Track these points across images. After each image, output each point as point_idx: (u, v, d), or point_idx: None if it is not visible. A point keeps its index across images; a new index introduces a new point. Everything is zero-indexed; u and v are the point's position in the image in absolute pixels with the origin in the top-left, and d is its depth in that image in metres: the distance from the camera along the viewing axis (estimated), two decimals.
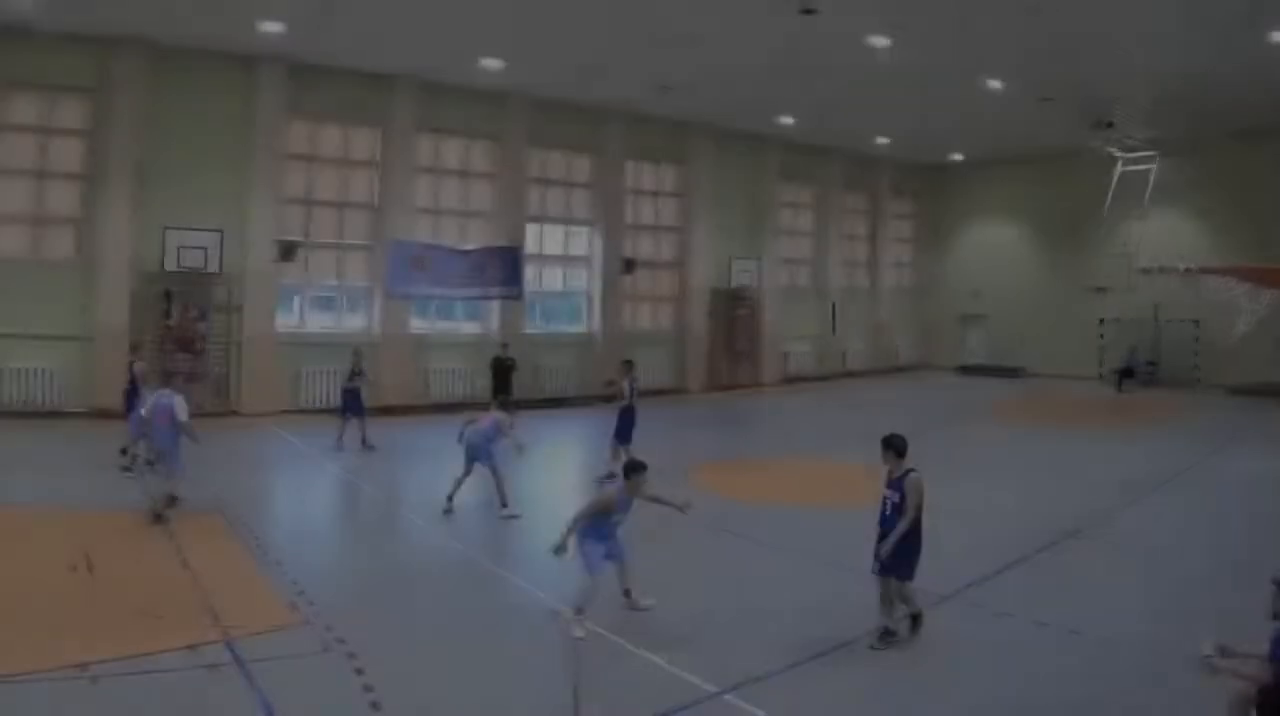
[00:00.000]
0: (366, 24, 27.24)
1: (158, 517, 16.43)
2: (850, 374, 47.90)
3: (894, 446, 11.75)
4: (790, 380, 45.03)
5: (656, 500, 12.59)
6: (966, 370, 50.67)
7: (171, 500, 16.97)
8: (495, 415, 19.06)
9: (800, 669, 10.62)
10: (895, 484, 11.59)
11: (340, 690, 9.85)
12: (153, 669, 10.04)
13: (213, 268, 29.54)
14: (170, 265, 28.96)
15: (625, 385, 22.98)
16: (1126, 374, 43.11)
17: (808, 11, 24.36)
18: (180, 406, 17.62)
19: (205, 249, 29.36)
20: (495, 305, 35.34)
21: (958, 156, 50.38)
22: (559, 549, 11.57)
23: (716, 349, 42.22)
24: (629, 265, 39.23)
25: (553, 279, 39.00)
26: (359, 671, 10.25)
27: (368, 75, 32.44)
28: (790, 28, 26.14)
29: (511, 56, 30.65)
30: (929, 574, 12.68)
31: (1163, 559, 15.81)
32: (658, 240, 41.59)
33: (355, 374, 25.86)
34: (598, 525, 11.92)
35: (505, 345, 31.42)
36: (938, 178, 53.70)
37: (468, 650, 11.20)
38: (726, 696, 9.85)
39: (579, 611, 11.50)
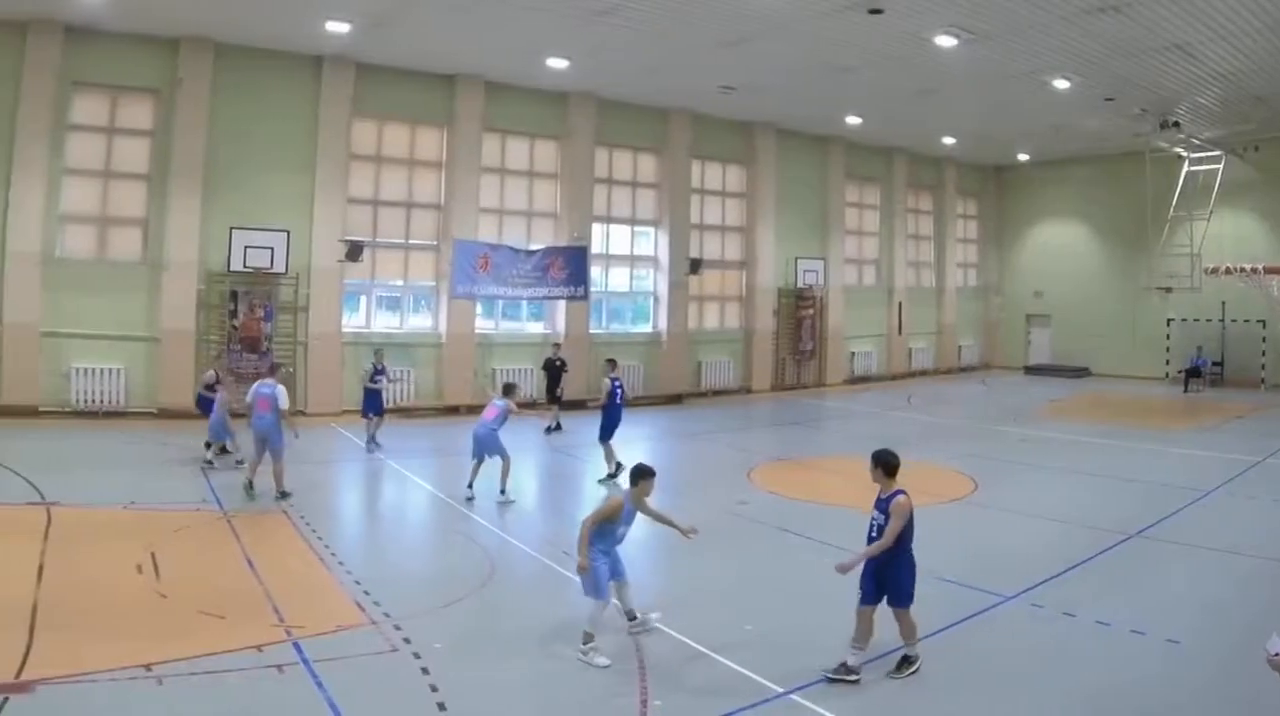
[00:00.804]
0: (432, 24, 26.52)
1: (284, 496, 17.75)
2: (915, 374, 46.62)
3: (882, 463, 10.67)
4: (855, 380, 43.75)
5: (661, 519, 11.97)
6: (1031, 370, 49.13)
7: (283, 492, 17.90)
8: (499, 403, 19.24)
9: (865, 668, 10.20)
10: (882, 505, 10.48)
11: (407, 690, 9.61)
12: (219, 669, 9.80)
13: (279, 268, 28.63)
14: (236, 265, 28.07)
15: (607, 382, 22.45)
16: (1193, 374, 41.59)
17: (875, 11, 23.60)
18: (282, 395, 18.39)
19: (271, 249, 28.44)
20: (560, 305, 34.19)
21: (1023, 156, 48.68)
22: (584, 567, 10.85)
23: (782, 349, 41.02)
24: (695, 265, 37.92)
25: (619, 279, 37.88)
26: (425, 671, 10.04)
27: (433, 75, 31.61)
28: (857, 27, 25.30)
29: (577, 56, 29.63)
30: (992, 573, 13.42)
31: (1227, 559, 15.30)
32: (723, 240, 40.31)
33: (377, 373, 25.30)
34: (604, 539, 11.14)
35: (557, 346, 30.26)
36: (1003, 178, 52.26)
37: (534, 650, 10.90)
38: (793, 696, 9.63)
39: (589, 640, 10.65)
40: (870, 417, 33.29)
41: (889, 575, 10.21)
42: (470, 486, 18.84)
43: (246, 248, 28.14)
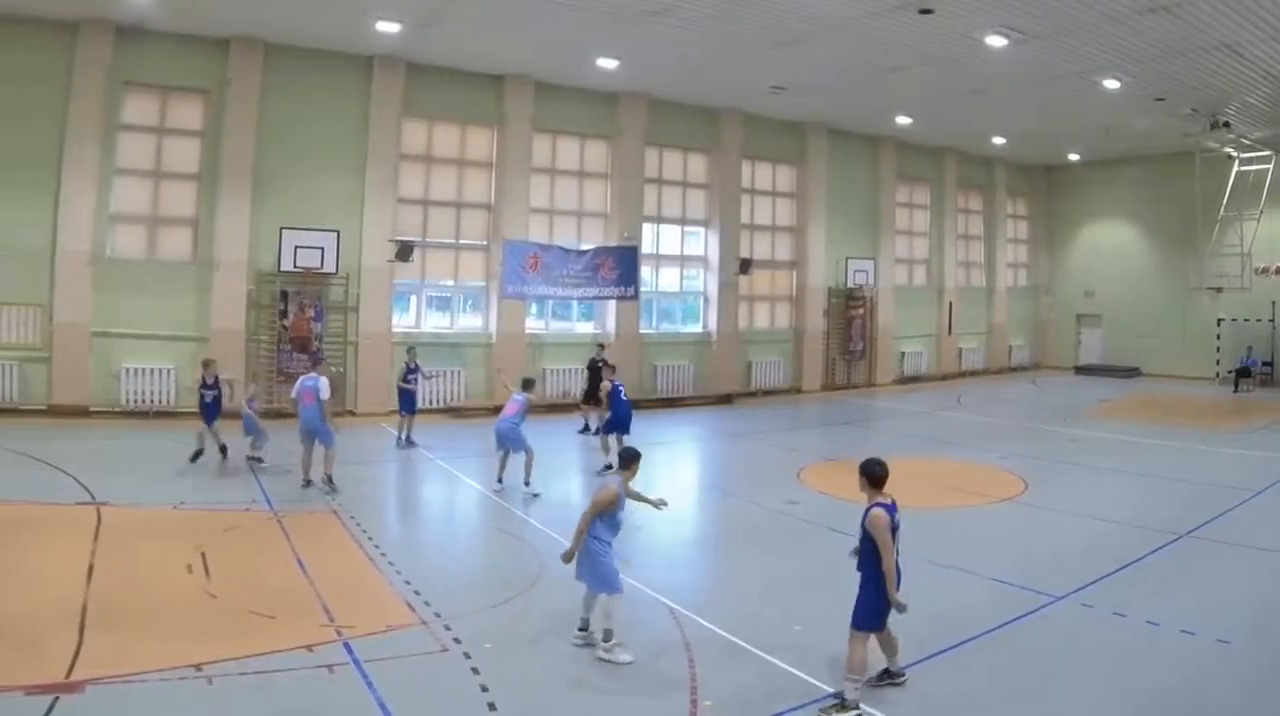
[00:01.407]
0: (482, 25, 25.80)
1: (329, 480, 18.13)
2: (965, 374, 45.27)
3: (864, 473, 9.69)
4: (905, 380, 42.54)
5: (639, 497, 11.88)
6: (1082, 370, 47.75)
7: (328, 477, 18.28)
8: (519, 397, 19.36)
9: (916, 669, 10.00)
10: (894, 506, 9.61)
11: (457, 690, 9.41)
12: (269, 669, 9.62)
13: (329, 268, 27.81)
14: (286, 265, 27.30)
15: (608, 384, 22.23)
16: (1243, 374, 40.37)
17: (925, 11, 22.97)
18: (324, 386, 18.66)
19: (321, 249, 27.62)
20: (611, 305, 33.28)
21: (1073, 156, 47.26)
22: (571, 556, 10.72)
23: (832, 349, 39.89)
24: (745, 265, 36.75)
25: (669, 279, 36.72)
26: (475, 671, 9.85)
27: (483, 75, 30.72)
28: (907, 27, 24.61)
29: (627, 56, 28.77)
30: (1042, 573, 13.35)
31: (1278, 558, 14.96)
32: (773, 240, 39.14)
33: (410, 372, 24.84)
34: (611, 529, 10.81)
35: (601, 346, 29.19)
36: (1053, 178, 50.75)
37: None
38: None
39: (610, 636, 10.37)
40: (920, 418, 32.37)
41: (860, 594, 9.46)
42: (500, 479, 18.95)
43: (297, 248, 27.37)
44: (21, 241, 24.77)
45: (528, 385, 20.08)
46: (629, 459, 11.39)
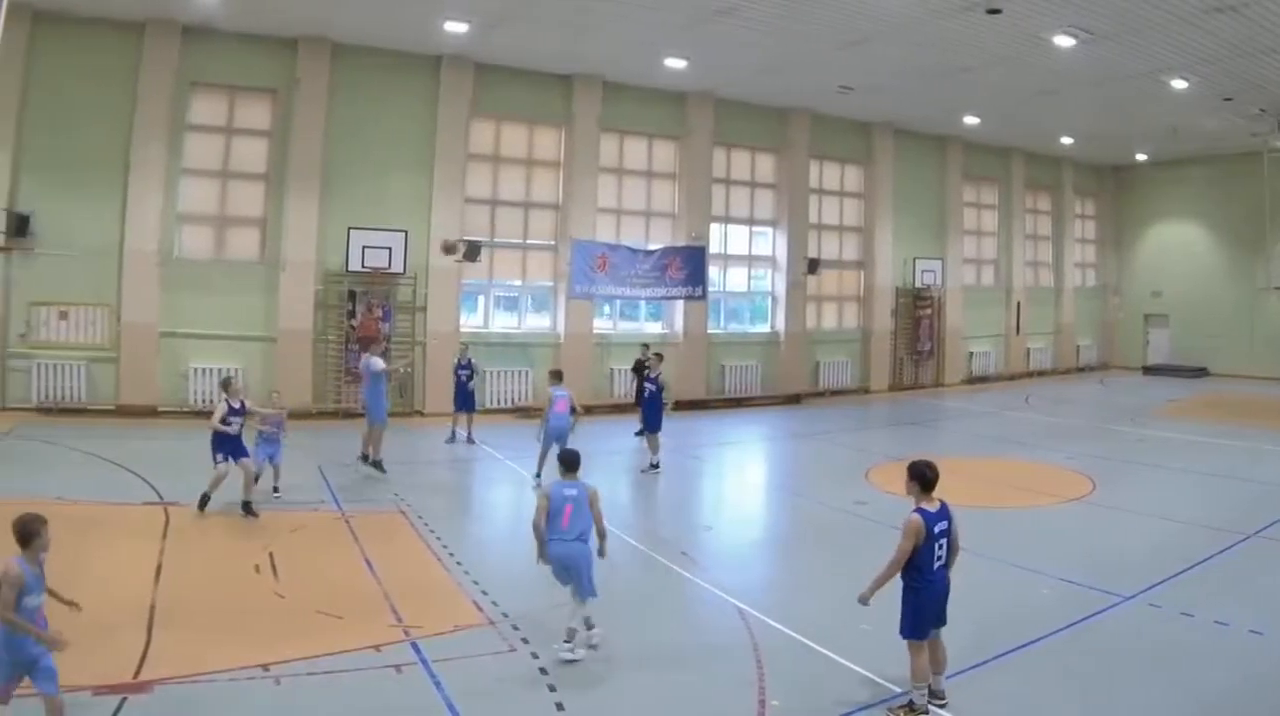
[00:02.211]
0: (550, 24, 24.75)
1: (376, 464, 18.10)
2: (1033, 374, 43.24)
3: (913, 476, 9.00)
4: (973, 380, 40.63)
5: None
6: (1150, 370, 45.44)
7: (375, 462, 18.26)
8: (562, 393, 18.73)
9: (984, 669, 9.73)
10: (943, 512, 8.88)
11: (525, 691, 9.15)
12: (336, 669, 9.33)
13: (396, 268, 26.56)
14: (354, 265, 26.11)
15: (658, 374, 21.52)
16: None
17: (993, 11, 21.98)
18: (376, 363, 18.77)
19: (389, 249, 26.37)
20: (679, 305, 31.76)
21: (1141, 157, 44.85)
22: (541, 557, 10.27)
23: (900, 349, 38.16)
24: (813, 265, 35.05)
25: (737, 279, 35.08)
26: (543, 671, 9.55)
27: (551, 75, 29.41)
28: (975, 28, 23.61)
29: (695, 56, 27.47)
30: (1110, 573, 12.89)
31: None
32: (841, 240, 37.40)
33: (460, 368, 23.83)
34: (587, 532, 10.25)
35: (647, 346, 27.26)
36: (1121, 178, 48.29)
37: (652, 650, 10.35)
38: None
39: (573, 635, 9.88)
40: (988, 418, 30.94)
41: (902, 600, 8.81)
42: (538, 474, 18.47)
43: (364, 248, 26.18)
44: (90, 241, 23.72)
45: (558, 377, 19.45)
46: (569, 464, 10.73)
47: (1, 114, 22.71)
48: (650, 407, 21.02)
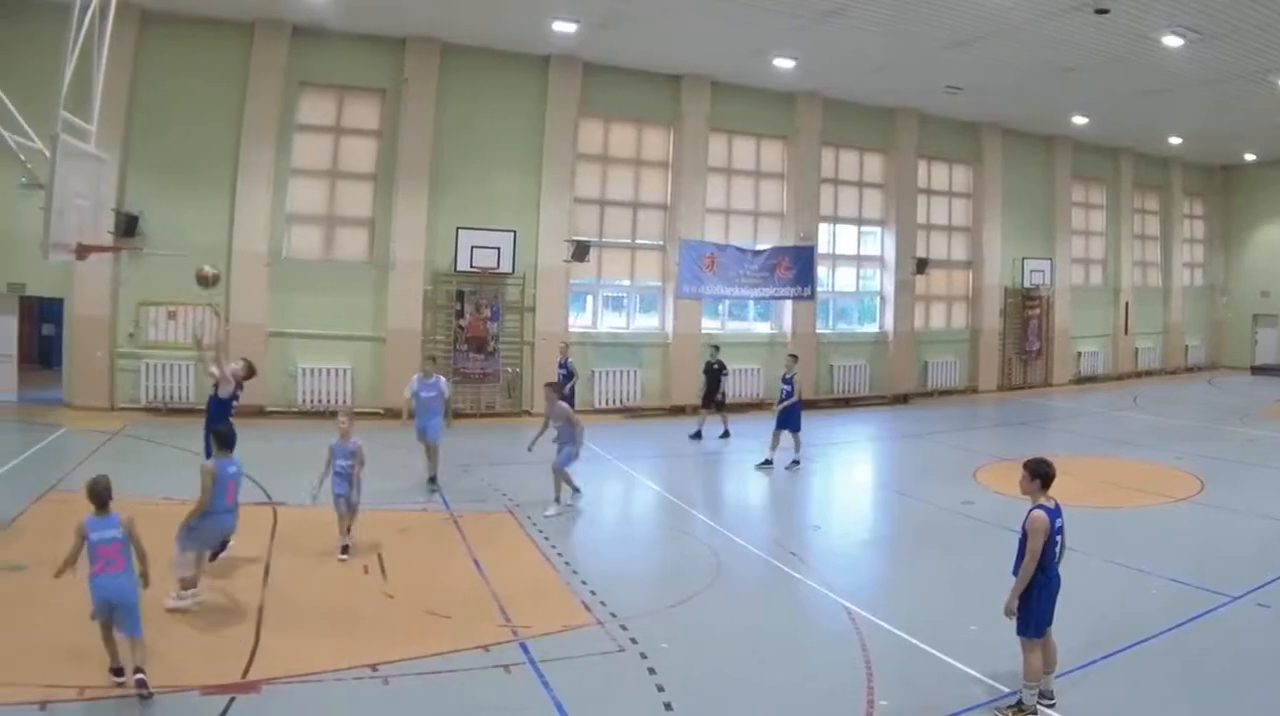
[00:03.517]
0: (659, 24, 22.78)
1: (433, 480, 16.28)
2: (1141, 374, 39.59)
3: (1027, 471, 8.28)
4: (1081, 380, 37.20)
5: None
6: (1258, 370, 41.47)
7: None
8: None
9: (1092, 669, 8.99)
10: (1058, 510, 8.19)
11: (634, 691, 8.51)
12: (445, 669, 8.77)
13: (505, 268, 24.28)
14: (463, 265, 23.89)
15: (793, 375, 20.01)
16: None
17: (1101, 11, 20.31)
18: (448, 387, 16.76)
19: (498, 249, 24.10)
20: (787, 305, 29.11)
21: (1250, 156, 40.84)
22: None
23: (1008, 349, 34.92)
24: (921, 265, 32.26)
25: (845, 279, 32.33)
26: (651, 671, 8.91)
27: (659, 75, 26.91)
28: (1083, 28, 21.78)
29: (803, 56, 25.07)
30: (1218, 573, 12.08)
31: None
32: (949, 240, 34.40)
33: (559, 367, 22.72)
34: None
35: (716, 348, 24.87)
36: (1229, 178, 44.05)
37: (760, 650, 9.62)
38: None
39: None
40: (1096, 418, 28.52)
41: (1022, 599, 8.03)
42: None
43: (473, 248, 23.92)
44: (198, 241, 21.56)
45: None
46: None
47: (110, 114, 20.58)
48: (790, 408, 19.62)
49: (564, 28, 22.98)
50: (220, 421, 11.83)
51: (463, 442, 18.84)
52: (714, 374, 23.52)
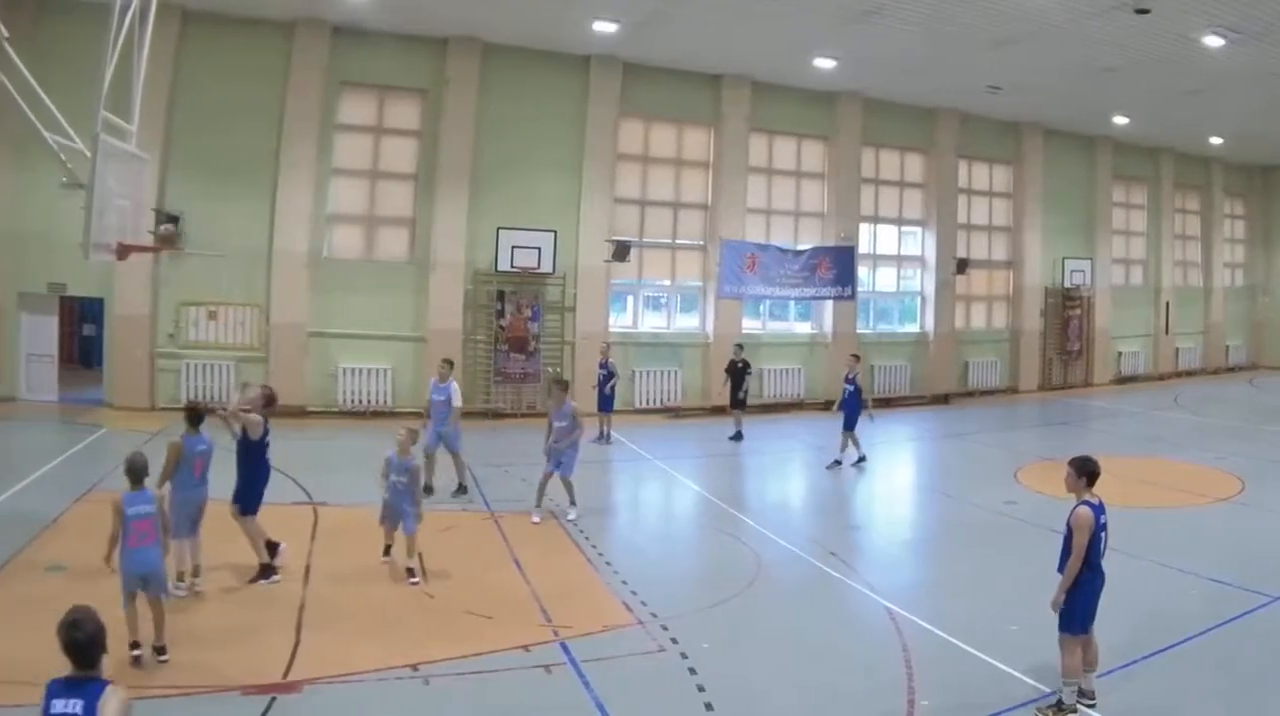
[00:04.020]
0: (699, 24, 22.34)
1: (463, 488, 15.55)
2: (1182, 374, 38.56)
3: (1073, 467, 8.17)
4: (1122, 380, 36.15)
5: None
6: None
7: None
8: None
9: (1134, 668, 8.80)
10: (1101, 506, 8.06)
11: (674, 691, 8.35)
12: (485, 669, 8.64)
13: (546, 268, 23.72)
14: (503, 265, 23.34)
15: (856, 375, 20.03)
16: None
17: (1142, 11, 19.95)
18: (455, 392, 15.60)
19: (538, 249, 23.56)
20: (828, 305, 28.36)
21: None
22: None
23: (1049, 349, 34.04)
24: (962, 265, 31.35)
25: (885, 279, 31.52)
26: (692, 671, 8.73)
27: (700, 75, 26.26)
28: (1124, 28, 21.31)
29: (844, 56, 24.48)
30: (1259, 573, 11.80)
31: None
32: (990, 240, 33.47)
33: (600, 367, 21.90)
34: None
35: (739, 347, 23.92)
36: (1270, 178, 42.77)
37: (801, 650, 9.50)
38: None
39: None
40: (1137, 418, 27.88)
41: (1068, 595, 7.88)
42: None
43: (513, 248, 23.41)
44: (239, 241, 21.29)
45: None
46: None
47: (151, 114, 20.21)
48: (850, 407, 19.56)
49: (605, 28, 22.53)
50: (258, 462, 11.27)
51: (503, 443, 18.60)
52: (739, 373, 22.83)
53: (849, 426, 19.28)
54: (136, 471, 8.44)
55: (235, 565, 11.13)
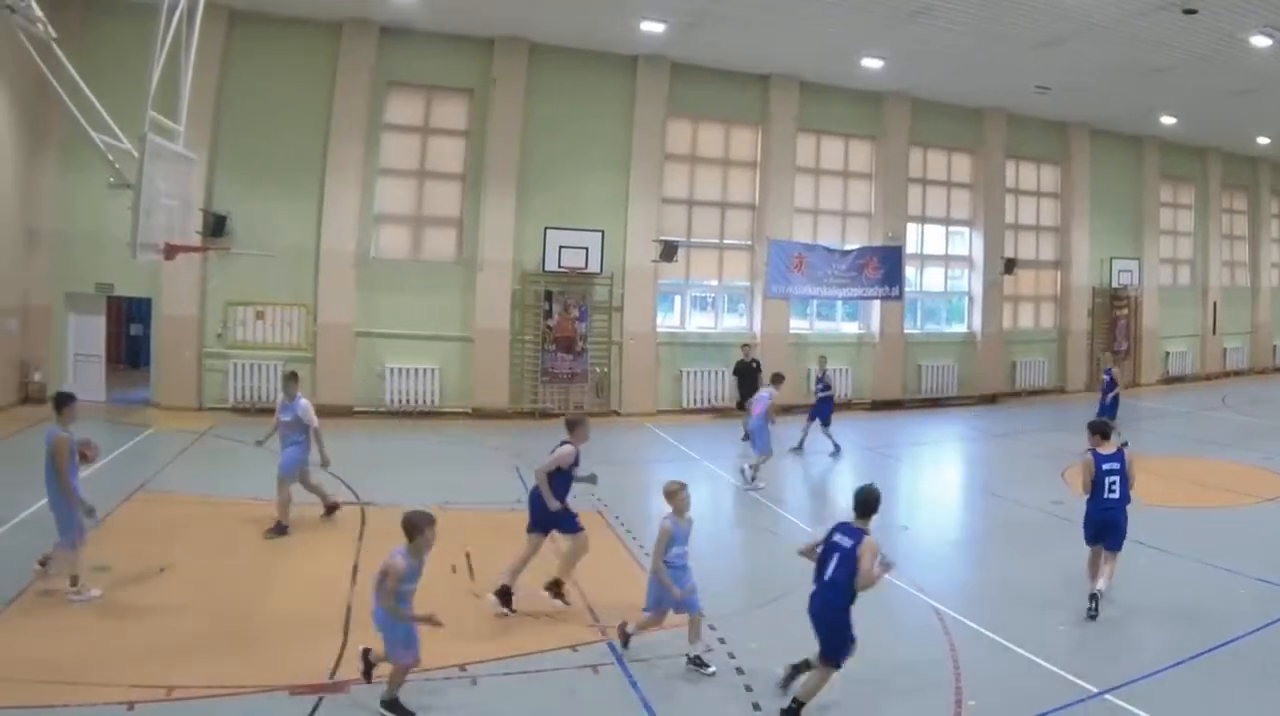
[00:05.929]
0: (747, 24, 21.73)
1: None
2: (1229, 374, 37.27)
3: (1091, 429, 10.85)
4: (1169, 380, 34.87)
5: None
6: None
7: None
8: (764, 394, 17.22)
9: (1179, 668, 8.64)
10: (1116, 456, 10.39)
11: (722, 690, 8.19)
12: (533, 669, 8.50)
13: (593, 268, 22.93)
14: (551, 265, 22.58)
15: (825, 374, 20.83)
16: None
17: (1189, 11, 19.55)
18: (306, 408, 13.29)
19: (586, 249, 22.78)
20: (875, 305, 27.41)
21: None
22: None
23: (1096, 349, 32.57)
24: (1009, 265, 30.19)
25: (933, 279, 30.50)
26: (739, 671, 8.55)
27: (747, 75, 25.38)
28: (1171, 28, 20.87)
29: (891, 56, 23.69)
30: None
31: None
32: (1037, 240, 32.35)
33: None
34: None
35: (747, 346, 23.57)
36: None
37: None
38: (1108, 696, 7.98)
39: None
40: (1185, 418, 27.14)
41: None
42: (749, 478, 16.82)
43: (561, 248, 22.64)
44: (286, 241, 20.63)
45: (777, 380, 17.73)
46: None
47: (198, 114, 19.58)
48: (824, 405, 20.65)
49: (652, 28, 21.90)
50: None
51: (549, 443, 17.75)
52: (750, 373, 22.01)
53: (825, 422, 20.19)
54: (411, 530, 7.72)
55: (282, 566, 11.19)
